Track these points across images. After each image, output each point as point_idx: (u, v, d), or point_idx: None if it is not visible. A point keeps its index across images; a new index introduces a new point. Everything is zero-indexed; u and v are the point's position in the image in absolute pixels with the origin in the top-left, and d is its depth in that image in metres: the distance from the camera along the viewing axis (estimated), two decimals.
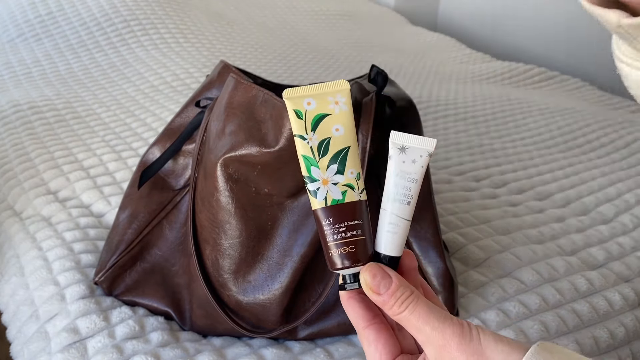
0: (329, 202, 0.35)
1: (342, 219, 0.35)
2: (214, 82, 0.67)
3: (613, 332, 0.67)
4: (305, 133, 0.35)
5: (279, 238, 0.59)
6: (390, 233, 0.36)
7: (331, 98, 0.36)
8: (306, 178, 0.36)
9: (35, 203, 0.83)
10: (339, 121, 0.36)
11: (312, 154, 0.35)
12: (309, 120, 0.35)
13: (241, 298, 0.59)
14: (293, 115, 0.36)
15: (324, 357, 0.59)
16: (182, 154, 0.67)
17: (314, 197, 0.35)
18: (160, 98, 1.23)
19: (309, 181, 0.35)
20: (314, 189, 0.35)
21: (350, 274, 0.36)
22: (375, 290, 0.34)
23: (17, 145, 1.00)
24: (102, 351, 0.58)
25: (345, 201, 0.35)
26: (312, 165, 0.35)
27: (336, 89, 0.36)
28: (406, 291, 0.34)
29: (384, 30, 2.10)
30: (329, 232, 0.35)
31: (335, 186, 0.35)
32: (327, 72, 1.54)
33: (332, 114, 0.36)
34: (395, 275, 0.34)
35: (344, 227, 0.35)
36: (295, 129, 0.36)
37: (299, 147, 0.36)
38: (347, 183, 0.36)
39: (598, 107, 1.46)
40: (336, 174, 0.35)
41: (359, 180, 0.36)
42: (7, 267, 0.74)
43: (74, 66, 1.44)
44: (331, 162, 0.36)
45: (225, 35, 1.72)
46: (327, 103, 0.36)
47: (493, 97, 1.44)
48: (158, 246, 0.66)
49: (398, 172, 0.36)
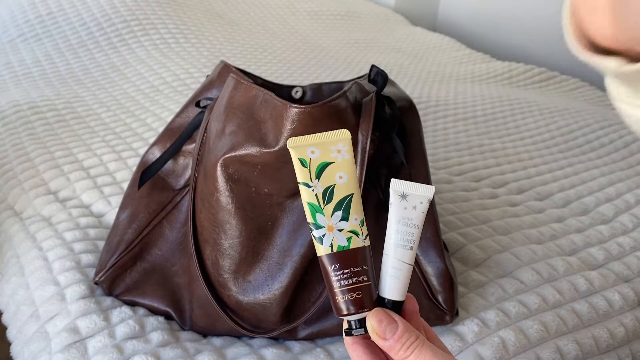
0: (334, 248, 0.36)
1: (349, 265, 0.36)
2: (214, 82, 0.67)
3: (613, 332, 0.67)
4: (310, 181, 0.36)
5: (279, 238, 0.59)
6: (394, 278, 0.36)
7: (333, 147, 0.37)
8: (311, 225, 0.36)
9: (35, 203, 0.83)
10: (342, 169, 0.36)
11: (317, 201, 0.36)
12: (313, 168, 0.36)
13: (241, 298, 0.59)
14: (298, 163, 0.37)
15: (324, 357, 0.59)
16: (182, 154, 0.67)
17: (319, 244, 0.36)
18: (160, 98, 1.23)
19: (314, 228, 0.36)
20: (320, 236, 0.36)
21: (355, 320, 0.36)
22: (382, 336, 0.35)
23: (17, 145, 1.00)
24: (102, 351, 0.58)
25: (351, 247, 0.36)
26: (317, 212, 0.36)
27: (338, 138, 0.37)
28: (412, 336, 0.35)
29: (384, 31, 2.10)
30: (335, 278, 0.36)
31: (341, 232, 0.36)
32: (327, 72, 1.54)
33: (335, 162, 0.37)
34: (400, 321, 0.35)
35: (350, 274, 0.36)
36: (300, 177, 0.36)
37: (304, 195, 0.36)
38: (351, 229, 0.36)
39: (598, 107, 1.46)
40: (341, 221, 0.36)
41: (362, 227, 0.37)
42: (7, 267, 0.74)
43: (74, 66, 1.44)
44: (336, 209, 0.36)
45: (225, 35, 1.72)
46: (329, 152, 0.37)
47: (493, 97, 1.44)
48: (158, 246, 0.66)
49: (400, 219, 0.37)
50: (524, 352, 0.62)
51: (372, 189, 0.61)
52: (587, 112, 1.36)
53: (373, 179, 0.61)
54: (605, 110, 1.42)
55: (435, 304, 0.62)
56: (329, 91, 0.67)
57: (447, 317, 0.63)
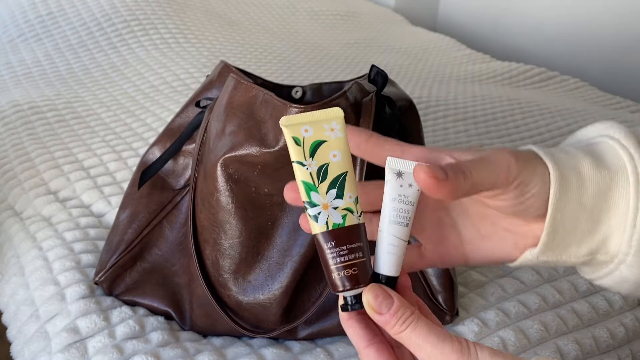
0: (330, 226, 0.36)
1: (344, 242, 0.36)
2: (214, 82, 0.67)
3: (613, 332, 0.67)
4: (304, 159, 0.36)
5: (279, 238, 0.59)
6: (389, 254, 0.37)
7: (327, 125, 0.37)
8: (306, 203, 0.36)
9: (35, 203, 0.83)
10: (336, 147, 0.37)
11: (312, 179, 0.36)
12: (307, 146, 0.36)
13: (241, 298, 0.59)
14: (291, 142, 0.37)
15: (324, 357, 0.59)
16: (182, 154, 0.67)
17: (314, 222, 0.36)
18: (161, 98, 1.23)
19: (309, 206, 0.36)
20: (315, 214, 0.36)
21: (351, 296, 0.36)
22: (378, 311, 0.35)
23: (17, 145, 1.00)
24: (102, 351, 0.58)
25: (346, 224, 0.36)
26: (312, 191, 0.36)
27: (331, 117, 0.37)
28: (407, 311, 0.35)
29: (384, 30, 2.10)
30: (330, 255, 0.36)
31: (336, 210, 0.36)
32: (327, 72, 1.54)
33: (328, 140, 0.37)
34: (396, 296, 0.36)
35: (345, 250, 0.36)
36: (294, 156, 0.37)
37: (298, 174, 0.37)
38: (346, 207, 0.36)
39: (598, 107, 1.46)
40: (336, 199, 0.36)
41: (356, 204, 0.37)
42: (8, 267, 0.74)
43: (74, 66, 1.44)
44: (330, 187, 0.36)
45: (225, 35, 1.72)
46: (323, 130, 0.37)
47: (493, 97, 1.44)
48: (158, 246, 0.66)
49: (395, 197, 0.37)
50: (524, 352, 0.62)
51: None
52: (587, 112, 1.36)
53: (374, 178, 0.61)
54: (606, 111, 1.42)
55: (435, 304, 0.62)
56: (329, 91, 0.67)
57: (447, 317, 0.63)
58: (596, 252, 0.38)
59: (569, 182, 0.37)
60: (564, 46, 2.06)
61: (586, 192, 0.37)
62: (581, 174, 0.37)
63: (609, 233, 0.37)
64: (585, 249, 0.38)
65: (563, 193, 0.37)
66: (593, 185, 0.37)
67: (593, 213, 0.37)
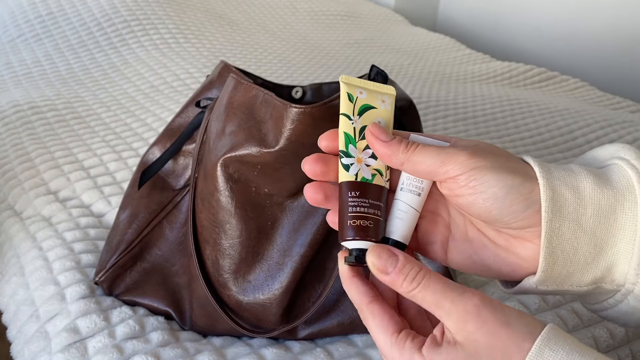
0: (359, 178, 0.37)
1: (368, 196, 0.37)
2: (214, 82, 0.67)
3: (613, 332, 0.67)
4: (352, 115, 0.38)
5: (279, 238, 0.59)
6: (399, 219, 0.37)
7: (379, 96, 0.39)
8: (342, 152, 0.38)
9: (35, 203, 0.83)
10: (382, 116, 0.39)
11: (354, 133, 0.38)
12: (357, 105, 0.39)
13: (241, 298, 0.59)
14: (345, 96, 0.39)
15: (324, 357, 0.59)
16: (182, 154, 0.67)
17: (345, 170, 0.37)
18: (161, 98, 1.23)
19: (344, 155, 0.37)
20: (347, 164, 0.37)
21: (358, 248, 0.36)
22: (383, 270, 0.34)
23: (17, 145, 1.00)
24: (102, 351, 0.58)
25: (374, 182, 0.37)
26: (350, 144, 0.38)
27: (385, 91, 0.40)
28: (414, 267, 0.34)
29: (384, 30, 2.10)
30: (351, 203, 0.37)
31: (368, 168, 0.38)
32: (327, 72, 1.55)
33: (378, 108, 0.39)
34: (401, 254, 0.35)
35: (367, 204, 0.37)
36: (344, 109, 0.38)
37: (342, 125, 0.38)
38: (378, 168, 0.38)
39: (598, 107, 1.46)
40: (370, 157, 0.38)
41: (387, 170, 0.38)
42: (8, 267, 0.74)
43: (74, 66, 1.44)
44: (368, 147, 0.38)
45: (226, 35, 1.72)
46: (375, 99, 0.39)
47: (493, 97, 1.44)
48: (158, 246, 0.66)
49: None
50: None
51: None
52: (587, 112, 1.36)
53: None
54: (605, 111, 1.42)
55: None
56: (329, 91, 0.67)
57: None
58: (601, 280, 0.35)
59: (564, 200, 0.34)
60: (564, 46, 2.06)
61: (585, 212, 0.34)
62: (580, 192, 0.34)
63: (615, 259, 0.34)
64: (590, 277, 0.35)
65: (556, 211, 0.34)
66: (593, 205, 0.34)
67: (595, 236, 0.34)
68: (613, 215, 0.34)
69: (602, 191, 0.34)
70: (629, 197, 0.34)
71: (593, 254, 0.34)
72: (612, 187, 0.34)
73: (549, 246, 0.34)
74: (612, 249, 0.34)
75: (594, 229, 0.34)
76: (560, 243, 0.34)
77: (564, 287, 0.35)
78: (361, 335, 0.62)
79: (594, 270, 0.34)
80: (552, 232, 0.34)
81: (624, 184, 0.34)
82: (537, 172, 0.35)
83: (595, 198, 0.34)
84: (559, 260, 0.34)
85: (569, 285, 0.35)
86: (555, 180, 0.34)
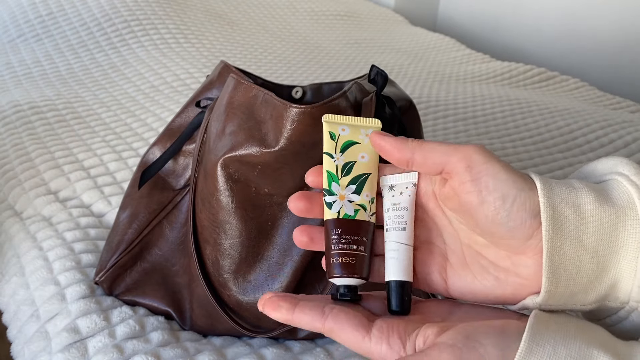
0: (341, 215, 0.38)
1: (350, 233, 0.37)
2: (214, 83, 0.67)
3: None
4: (334, 153, 0.39)
5: (279, 238, 0.59)
6: (394, 259, 0.37)
7: (363, 131, 0.40)
8: (325, 191, 0.39)
9: (35, 203, 0.83)
10: (366, 150, 0.39)
11: (336, 171, 0.39)
12: (339, 143, 0.39)
13: (241, 298, 0.59)
14: (327, 135, 0.39)
15: (324, 357, 0.59)
16: (182, 154, 0.67)
17: (328, 209, 0.38)
18: (161, 98, 1.23)
19: (327, 194, 0.39)
20: (330, 202, 0.38)
21: (344, 285, 0.37)
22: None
23: (17, 145, 1.00)
24: (102, 351, 0.58)
25: (356, 218, 0.38)
26: (333, 181, 0.39)
27: (369, 125, 0.40)
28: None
29: (384, 30, 2.10)
30: (334, 241, 0.37)
31: (350, 204, 0.38)
32: (327, 72, 1.55)
33: (361, 143, 0.39)
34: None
35: (349, 240, 0.37)
36: (326, 148, 0.39)
37: (325, 163, 0.39)
38: (361, 203, 0.38)
39: (598, 107, 1.46)
40: (353, 193, 0.38)
41: (371, 204, 0.39)
42: (8, 267, 0.74)
43: (75, 66, 1.44)
44: (351, 182, 0.39)
45: (226, 35, 1.72)
46: (358, 134, 0.40)
47: (493, 97, 1.44)
48: (158, 246, 0.66)
49: (389, 207, 0.38)
50: None
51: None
52: (587, 112, 1.36)
53: None
54: (605, 110, 1.43)
55: None
56: (329, 91, 0.67)
57: None
58: (605, 298, 0.35)
59: (564, 218, 0.33)
60: (564, 46, 2.07)
61: (587, 230, 0.33)
62: (581, 210, 0.33)
63: (618, 277, 0.34)
64: (593, 295, 0.34)
65: (557, 230, 0.33)
66: (595, 223, 0.33)
67: (598, 254, 0.33)
68: (615, 232, 0.33)
69: (604, 208, 0.33)
70: (630, 214, 0.33)
71: (596, 273, 0.34)
72: (613, 204, 0.34)
73: (551, 265, 0.33)
74: (615, 267, 0.34)
75: (596, 247, 0.33)
76: (563, 262, 0.33)
77: (568, 306, 0.35)
78: None
79: (597, 288, 0.34)
80: (553, 251, 0.33)
81: (624, 200, 0.34)
82: (539, 188, 0.34)
83: (597, 215, 0.33)
84: (562, 280, 0.34)
85: (572, 305, 0.35)
86: (556, 198, 0.34)
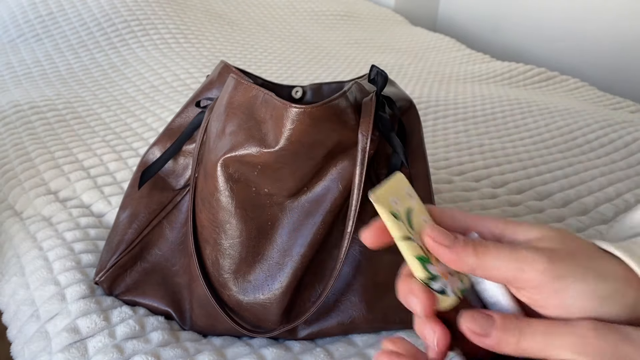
0: (459, 293, 0.32)
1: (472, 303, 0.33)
2: (214, 83, 0.67)
3: None
4: (411, 233, 0.32)
5: (279, 238, 0.59)
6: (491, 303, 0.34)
7: (402, 191, 0.34)
8: (427, 280, 0.31)
9: (35, 203, 0.83)
10: (419, 211, 0.33)
11: (423, 251, 0.32)
12: (404, 218, 0.32)
13: (241, 298, 0.59)
14: (388, 218, 0.32)
15: (324, 357, 0.59)
16: (182, 154, 0.67)
17: (445, 297, 0.31)
18: (161, 98, 1.23)
19: (432, 282, 0.31)
20: (441, 289, 0.31)
21: None
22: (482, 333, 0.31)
23: (17, 145, 1.00)
24: (102, 351, 0.58)
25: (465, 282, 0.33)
26: (426, 263, 0.31)
27: (402, 183, 0.34)
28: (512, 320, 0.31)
29: (384, 30, 2.10)
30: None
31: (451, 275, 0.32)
32: (327, 72, 1.55)
33: (413, 206, 0.33)
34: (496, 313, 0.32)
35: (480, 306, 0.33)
36: (398, 232, 0.31)
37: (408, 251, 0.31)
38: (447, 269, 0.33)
39: (598, 107, 1.46)
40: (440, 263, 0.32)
41: None
42: (8, 267, 0.74)
43: (75, 66, 1.44)
44: None
45: (226, 35, 1.72)
46: (403, 197, 0.33)
47: (493, 97, 1.44)
48: (158, 246, 0.66)
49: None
50: None
51: (370, 187, 0.61)
52: (587, 112, 1.36)
53: (373, 179, 0.61)
54: (605, 110, 1.43)
55: None
56: (329, 91, 0.67)
57: None
58: None
59: None
60: (564, 46, 2.07)
61: None
62: None
63: None
64: None
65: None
66: None
67: None
68: None
69: None
70: None
71: None
72: None
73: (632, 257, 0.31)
74: None
75: None
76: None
77: None
78: (361, 335, 0.62)
79: None
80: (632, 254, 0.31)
81: None
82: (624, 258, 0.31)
83: None
84: None
85: None
86: None
